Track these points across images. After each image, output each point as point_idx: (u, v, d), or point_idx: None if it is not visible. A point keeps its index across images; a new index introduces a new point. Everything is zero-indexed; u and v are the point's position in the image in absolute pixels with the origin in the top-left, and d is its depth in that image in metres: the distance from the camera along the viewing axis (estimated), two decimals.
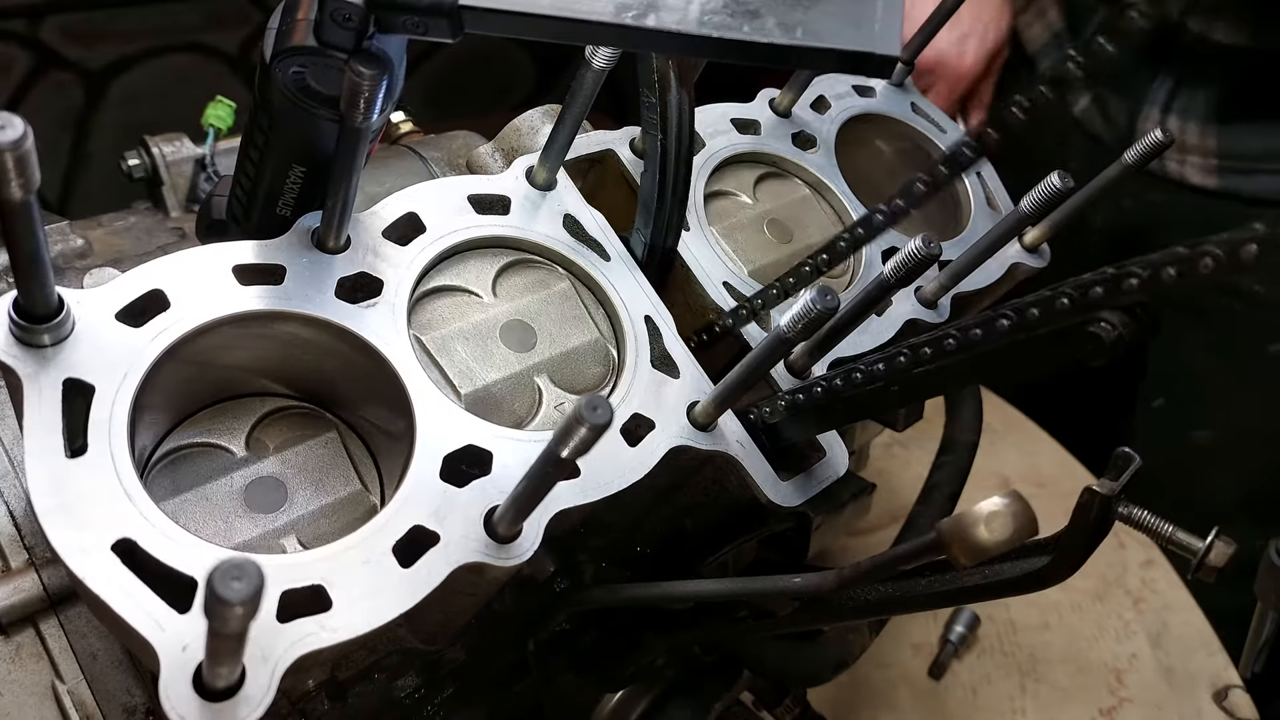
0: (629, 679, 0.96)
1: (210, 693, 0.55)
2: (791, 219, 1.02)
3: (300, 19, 0.60)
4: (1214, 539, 0.69)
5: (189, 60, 3.00)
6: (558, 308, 0.84)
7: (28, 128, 0.47)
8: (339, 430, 0.79)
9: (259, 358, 0.75)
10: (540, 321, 0.82)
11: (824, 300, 0.67)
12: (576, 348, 0.82)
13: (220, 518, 0.72)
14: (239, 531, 0.71)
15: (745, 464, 0.80)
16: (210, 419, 0.77)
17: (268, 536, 0.72)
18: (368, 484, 0.77)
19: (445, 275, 0.81)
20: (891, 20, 0.58)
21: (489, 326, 0.80)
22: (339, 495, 0.75)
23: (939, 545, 0.54)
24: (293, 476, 0.75)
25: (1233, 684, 1.46)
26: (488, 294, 0.82)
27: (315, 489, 0.75)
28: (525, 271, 0.85)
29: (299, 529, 0.73)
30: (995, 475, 1.72)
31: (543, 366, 0.80)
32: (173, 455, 0.75)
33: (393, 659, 0.83)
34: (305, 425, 0.79)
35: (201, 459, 0.75)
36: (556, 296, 0.84)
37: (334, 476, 0.76)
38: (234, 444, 0.76)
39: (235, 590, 0.42)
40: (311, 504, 0.74)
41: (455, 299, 0.81)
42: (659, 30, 0.57)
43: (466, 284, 0.82)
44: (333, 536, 0.72)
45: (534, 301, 0.83)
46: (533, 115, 0.97)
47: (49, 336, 0.62)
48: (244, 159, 0.74)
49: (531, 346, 0.81)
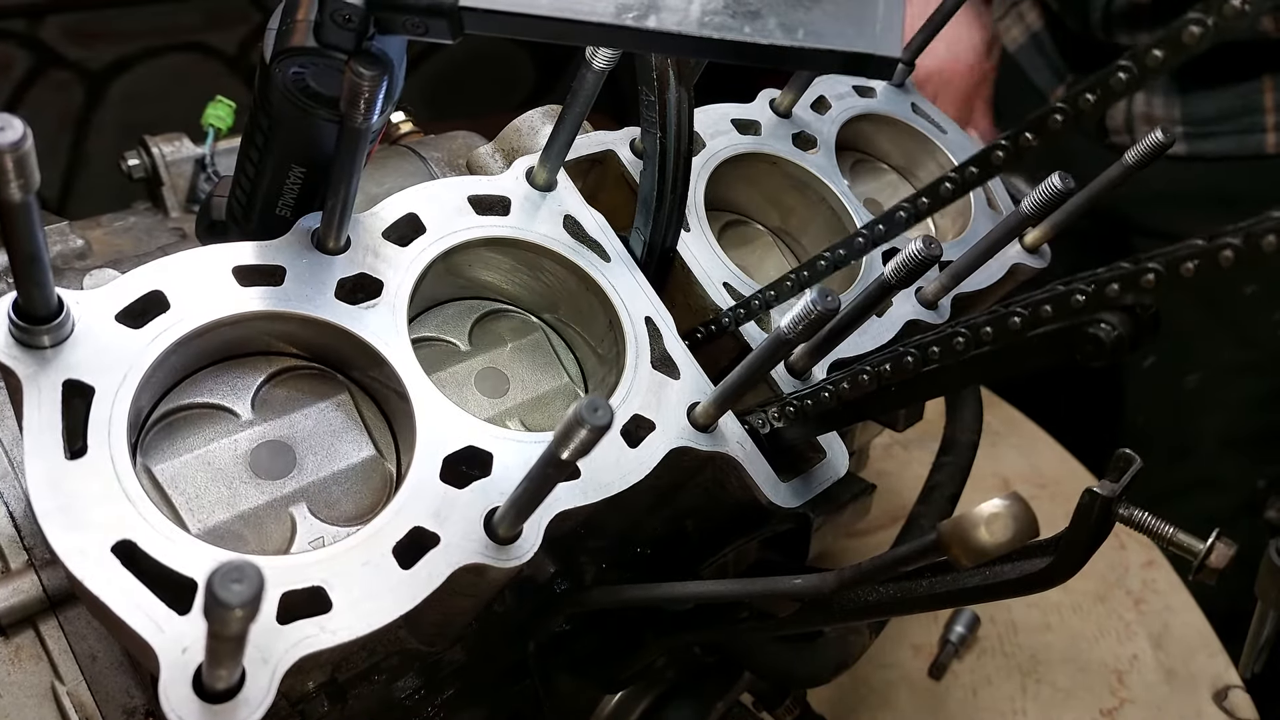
0: (629, 680, 0.96)
1: (210, 694, 0.55)
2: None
3: (300, 20, 0.60)
4: (1214, 540, 0.69)
5: (188, 60, 3.00)
6: (529, 356, 0.87)
7: (27, 129, 0.47)
8: (351, 392, 0.76)
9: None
10: (513, 369, 0.86)
11: (824, 301, 0.66)
12: (547, 392, 0.86)
13: (224, 484, 0.69)
14: (244, 499, 0.69)
15: (746, 465, 0.80)
16: (213, 378, 0.73)
17: (275, 504, 0.70)
18: (382, 449, 0.75)
19: (425, 327, 0.85)
20: (892, 21, 0.57)
21: (465, 375, 0.84)
22: (351, 461, 0.73)
23: (940, 546, 0.54)
24: (302, 441, 0.73)
25: (1233, 684, 1.46)
26: (464, 343, 0.86)
27: (326, 454, 0.73)
28: (500, 321, 0.89)
29: (309, 496, 0.71)
30: (996, 476, 1.72)
31: (515, 411, 0.84)
32: (171, 416, 0.71)
33: (393, 660, 0.83)
34: (315, 387, 0.76)
35: (203, 421, 0.72)
36: (529, 345, 0.88)
37: (346, 441, 0.74)
38: (239, 405, 0.73)
39: (235, 592, 0.42)
40: (322, 470, 0.72)
41: (435, 349, 0.85)
42: (660, 31, 0.57)
43: (444, 334, 0.86)
44: (346, 504, 0.71)
45: (507, 350, 0.87)
46: (533, 116, 0.97)
47: (49, 338, 0.62)
48: (244, 159, 0.74)
49: (504, 393, 0.84)
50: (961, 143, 1.14)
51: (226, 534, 0.68)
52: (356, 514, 0.73)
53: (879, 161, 1.18)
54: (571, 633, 0.94)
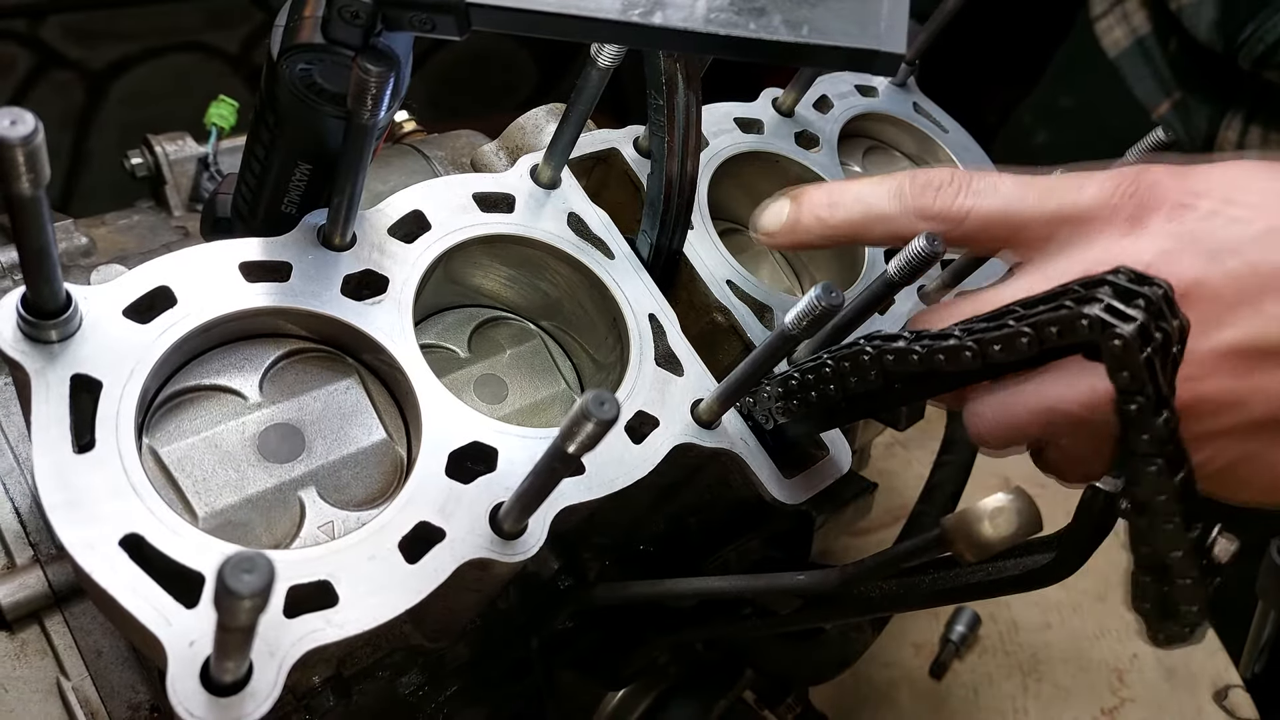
0: (632, 677, 0.96)
1: (217, 688, 0.55)
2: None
3: (308, 16, 0.60)
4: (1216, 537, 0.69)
5: (190, 60, 3.01)
6: (528, 362, 0.88)
7: (38, 123, 0.47)
8: (360, 375, 0.76)
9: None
10: (511, 375, 0.87)
11: (828, 297, 0.67)
12: (545, 398, 0.87)
13: (231, 467, 0.69)
14: (252, 482, 0.69)
15: (749, 461, 0.80)
16: (220, 359, 0.72)
17: (284, 488, 0.69)
18: (392, 433, 0.74)
19: (425, 335, 0.85)
20: (897, 18, 0.58)
21: (464, 381, 0.84)
22: (361, 445, 0.73)
23: (943, 541, 0.54)
24: (311, 424, 0.72)
25: (1233, 684, 1.47)
26: (463, 350, 0.87)
27: (335, 437, 0.72)
28: (499, 328, 0.90)
29: (318, 480, 0.71)
30: (997, 474, 1.72)
31: (513, 417, 0.84)
32: (178, 398, 0.71)
33: (397, 656, 0.83)
34: (324, 369, 0.75)
35: (210, 403, 0.71)
36: (527, 352, 0.89)
37: (356, 424, 0.73)
38: (246, 387, 0.72)
39: (246, 583, 0.42)
40: (332, 453, 0.71)
41: (434, 356, 0.85)
42: (665, 28, 0.57)
43: (443, 342, 0.86)
44: (355, 488, 0.71)
45: (506, 357, 0.88)
46: (537, 114, 0.97)
47: (56, 332, 0.62)
48: (250, 156, 0.74)
49: (503, 399, 0.85)
50: (964, 142, 1.15)
51: (234, 518, 0.68)
52: (366, 498, 0.72)
53: (893, 149, 1.18)
54: (575, 629, 0.94)
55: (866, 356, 0.71)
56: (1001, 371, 0.65)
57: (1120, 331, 0.55)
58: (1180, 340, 0.58)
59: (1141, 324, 0.55)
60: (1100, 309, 0.56)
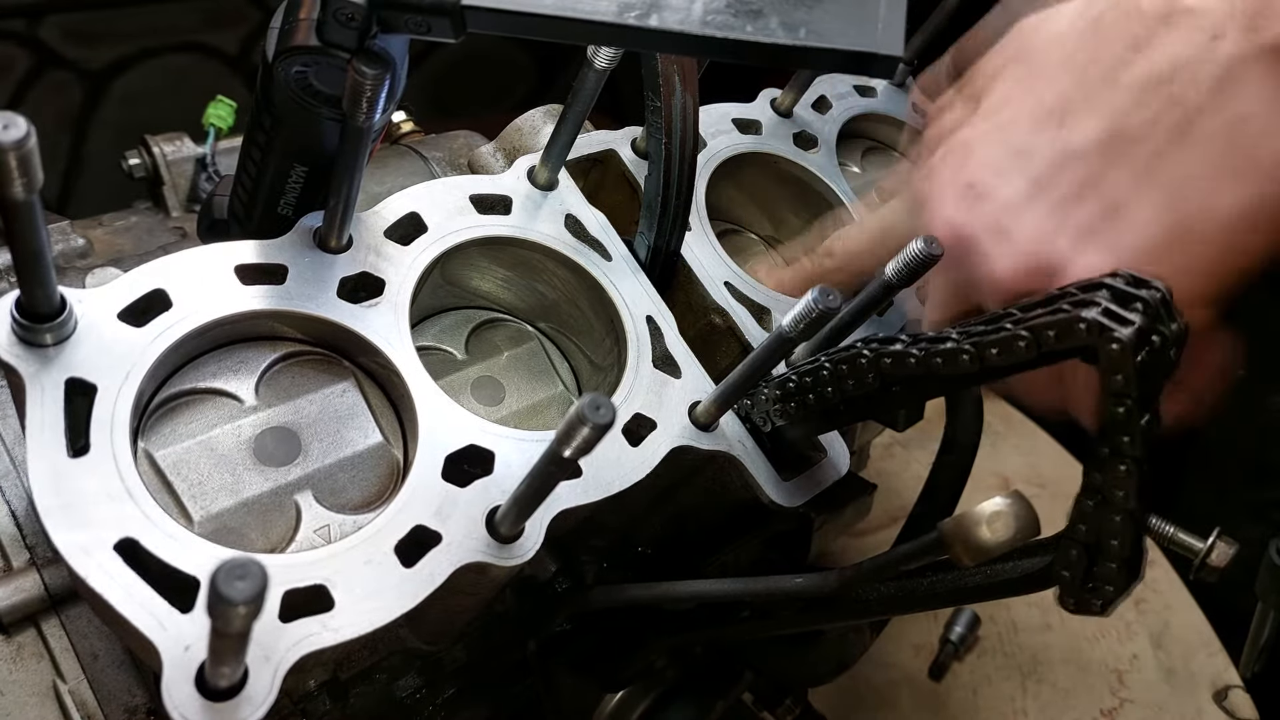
0: (630, 679, 0.96)
1: (213, 692, 0.55)
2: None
3: (303, 18, 0.60)
4: (1215, 540, 0.69)
5: (188, 60, 3.00)
6: (525, 364, 0.88)
7: (31, 127, 0.47)
8: (357, 378, 0.75)
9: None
10: (509, 377, 0.87)
11: (826, 299, 0.66)
12: (542, 400, 0.87)
13: (227, 470, 0.69)
14: (248, 486, 0.69)
15: (747, 464, 0.80)
16: (215, 362, 0.72)
17: (280, 491, 0.69)
18: (389, 435, 0.74)
19: (422, 337, 0.85)
20: (895, 20, 0.58)
21: (461, 383, 0.84)
22: (358, 448, 0.72)
23: (941, 545, 0.54)
24: (307, 427, 0.72)
25: (1233, 684, 1.46)
26: (461, 352, 0.87)
27: (332, 440, 0.72)
28: (497, 330, 0.90)
29: (314, 484, 0.70)
30: (996, 476, 1.72)
31: (510, 419, 0.84)
32: (174, 402, 0.71)
33: (394, 659, 0.83)
34: (320, 372, 0.75)
35: (206, 406, 0.71)
36: (525, 354, 0.89)
37: (352, 427, 0.73)
38: (242, 391, 0.72)
39: (239, 589, 0.42)
40: (328, 457, 0.71)
41: (432, 358, 0.85)
42: (662, 30, 0.57)
43: (441, 344, 0.86)
44: (352, 491, 0.71)
45: (503, 359, 0.88)
46: (534, 115, 0.97)
47: (51, 336, 0.62)
48: (246, 158, 0.74)
49: (500, 401, 0.85)
50: None
51: (230, 522, 0.68)
52: (363, 501, 0.72)
53: (891, 149, 1.18)
54: (572, 632, 0.94)
55: (864, 359, 0.70)
56: (999, 375, 0.65)
57: (1118, 336, 0.55)
58: (1177, 343, 0.58)
59: (1139, 328, 0.55)
60: (1098, 312, 0.56)
